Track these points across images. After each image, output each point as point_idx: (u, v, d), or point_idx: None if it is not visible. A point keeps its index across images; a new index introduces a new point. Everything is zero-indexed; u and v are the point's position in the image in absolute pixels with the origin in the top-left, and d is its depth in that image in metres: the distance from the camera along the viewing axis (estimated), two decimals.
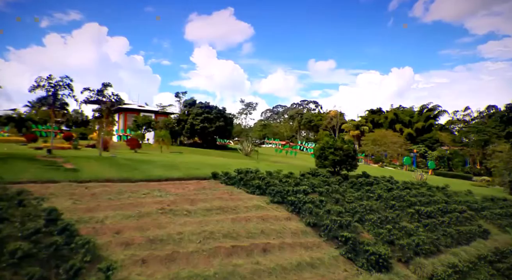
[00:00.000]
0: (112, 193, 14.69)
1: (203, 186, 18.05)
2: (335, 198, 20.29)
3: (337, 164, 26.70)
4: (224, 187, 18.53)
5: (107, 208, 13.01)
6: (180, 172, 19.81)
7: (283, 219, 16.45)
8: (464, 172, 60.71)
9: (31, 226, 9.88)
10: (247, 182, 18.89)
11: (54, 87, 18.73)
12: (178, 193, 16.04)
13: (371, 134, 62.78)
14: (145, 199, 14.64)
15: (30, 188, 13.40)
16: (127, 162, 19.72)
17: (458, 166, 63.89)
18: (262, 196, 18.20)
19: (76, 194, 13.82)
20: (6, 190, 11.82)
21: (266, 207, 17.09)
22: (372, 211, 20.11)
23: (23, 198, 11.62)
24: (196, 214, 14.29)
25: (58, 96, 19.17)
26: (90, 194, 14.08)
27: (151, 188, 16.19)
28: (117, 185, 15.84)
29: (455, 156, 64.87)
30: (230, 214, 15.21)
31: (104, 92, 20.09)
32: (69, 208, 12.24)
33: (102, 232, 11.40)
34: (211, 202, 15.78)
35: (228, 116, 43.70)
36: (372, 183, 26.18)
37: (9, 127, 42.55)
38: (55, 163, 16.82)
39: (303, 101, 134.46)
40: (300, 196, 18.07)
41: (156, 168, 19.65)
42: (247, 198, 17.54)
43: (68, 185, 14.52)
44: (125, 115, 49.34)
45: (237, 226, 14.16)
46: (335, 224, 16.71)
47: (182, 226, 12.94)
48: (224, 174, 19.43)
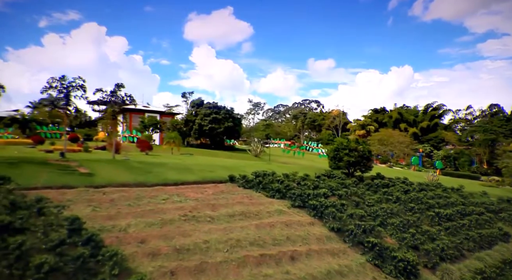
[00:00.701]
0: (131, 198, 14.10)
1: (221, 190, 17.47)
2: (355, 201, 19.73)
3: (351, 165, 26.14)
4: (243, 191, 17.95)
5: (128, 215, 12.42)
6: (195, 175, 19.22)
7: (306, 224, 15.89)
8: (471, 172, 60.26)
9: (55, 237, 9.28)
10: (266, 186, 18.32)
11: (66, 88, 18.12)
12: (198, 198, 15.45)
13: (377, 133, 62.20)
14: (166, 205, 14.06)
15: (47, 194, 12.79)
16: (140, 165, 19.12)
17: (464, 166, 63.41)
18: (282, 200, 17.63)
19: (95, 200, 13.23)
20: (24, 197, 11.21)
21: (288, 212, 16.53)
22: (393, 215, 19.57)
23: (43, 206, 11.01)
24: (220, 221, 13.72)
25: (70, 97, 18.56)
26: (109, 200, 13.49)
27: (169, 193, 15.60)
28: (134, 190, 15.25)
29: (461, 155, 64.39)
30: (253, 219, 14.64)
31: (117, 93, 19.49)
32: (89, 216, 11.65)
33: (126, 242, 10.81)
34: (232, 207, 15.21)
35: (236, 117, 43.04)
36: (388, 185, 25.64)
37: (13, 128, 41.80)
38: (69, 167, 16.22)
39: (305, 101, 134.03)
40: (321, 200, 17.50)
41: (170, 171, 19.05)
42: (267, 202, 16.98)
43: (85, 191, 13.91)
44: (130, 115, 48.63)
45: (262, 233, 13.60)
46: (359, 229, 16.16)
47: (207, 234, 12.36)
48: (242, 177, 18.85)
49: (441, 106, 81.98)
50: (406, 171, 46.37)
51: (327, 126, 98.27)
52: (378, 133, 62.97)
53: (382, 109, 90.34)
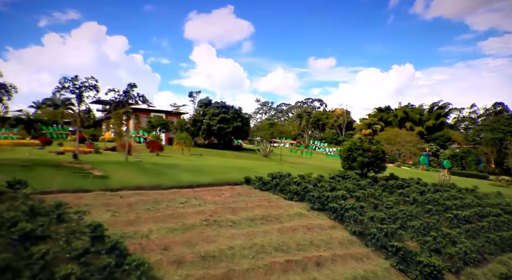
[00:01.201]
0: (149, 202, 13.68)
1: (238, 193, 17.04)
2: (373, 203, 19.29)
3: (365, 166, 25.69)
4: (260, 193, 17.52)
5: (149, 220, 11.99)
6: (209, 177, 18.79)
7: (328, 227, 15.45)
8: (478, 171, 59.71)
9: (79, 245, 8.85)
10: (284, 188, 17.87)
11: (79, 88, 17.67)
12: (216, 202, 15.02)
13: (384, 132, 61.65)
14: (185, 208, 13.62)
15: (64, 199, 12.37)
16: (154, 167, 18.69)
17: (471, 165, 62.86)
18: (301, 203, 17.19)
19: (112, 205, 12.80)
20: (43, 202, 10.79)
21: (308, 215, 16.09)
22: (412, 217, 19.11)
23: (62, 211, 10.58)
24: (241, 225, 13.28)
25: (83, 97, 18.13)
26: (127, 204, 13.06)
27: (187, 196, 15.17)
28: (150, 193, 14.83)
29: (468, 154, 63.84)
30: (274, 223, 14.21)
31: (130, 93, 19.03)
32: (109, 222, 11.22)
33: (149, 249, 10.38)
34: (252, 211, 14.78)
35: (245, 116, 42.44)
36: (403, 185, 25.19)
37: (18, 128, 41.41)
38: (83, 169, 15.80)
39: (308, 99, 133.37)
40: (340, 202, 17.06)
41: (183, 173, 18.63)
42: (286, 205, 16.54)
43: (102, 195, 13.49)
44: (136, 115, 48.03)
45: (285, 237, 13.16)
46: (381, 233, 15.72)
47: (231, 239, 11.93)
48: (258, 179, 18.42)
49: (446, 105, 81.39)
50: (415, 171, 45.90)
51: (331, 125, 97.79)
52: (385, 132, 62.42)
53: (386, 107, 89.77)
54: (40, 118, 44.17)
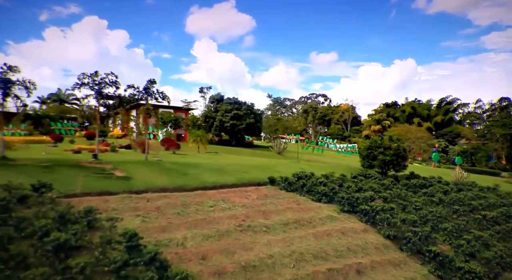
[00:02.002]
0: (177, 206, 13.00)
1: (265, 194, 16.35)
2: (402, 204, 18.60)
3: (386, 164, 24.94)
4: (286, 195, 16.83)
5: (181, 226, 11.31)
6: (232, 177, 18.10)
7: (360, 231, 14.78)
8: (489, 168, 58.91)
9: (116, 257, 8.18)
10: (311, 189, 17.17)
11: (98, 84, 16.88)
12: (245, 204, 14.33)
13: (394, 128, 60.76)
14: (215, 212, 12.94)
15: (89, 203, 11.71)
16: (174, 166, 17.99)
17: (481, 161, 62.06)
18: (330, 205, 16.51)
19: (140, 209, 12.12)
20: (71, 207, 10.11)
21: (339, 218, 15.41)
22: (442, 219, 18.42)
23: (93, 218, 9.91)
24: (276, 230, 12.61)
25: (102, 93, 17.35)
26: (155, 208, 12.38)
27: (214, 198, 14.49)
28: (175, 195, 14.14)
29: (478, 151, 62.99)
30: (308, 228, 13.54)
31: (150, 89, 18.23)
32: (140, 228, 10.54)
33: (187, 258, 9.71)
34: (284, 214, 14.10)
35: (257, 113, 41.53)
36: (425, 184, 24.46)
37: (26, 124, 40.67)
38: (104, 170, 15.11)
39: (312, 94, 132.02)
40: (371, 204, 16.37)
41: (205, 173, 17.93)
42: (316, 207, 15.85)
43: (128, 198, 12.81)
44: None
45: (322, 243, 12.50)
46: (416, 236, 15.05)
47: (268, 247, 11.27)
48: (283, 180, 17.71)
49: (455, 100, 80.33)
50: (427, 168, 45.16)
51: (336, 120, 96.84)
52: (395, 128, 61.52)
53: (393, 103, 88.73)
54: (47, 114, 43.39)
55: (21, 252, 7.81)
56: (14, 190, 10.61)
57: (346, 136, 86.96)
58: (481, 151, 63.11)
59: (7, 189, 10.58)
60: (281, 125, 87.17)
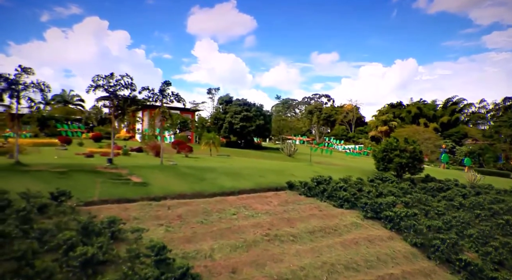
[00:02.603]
0: (199, 213, 12.49)
1: (285, 200, 15.83)
2: (424, 209, 18.06)
3: (402, 167, 24.39)
4: (307, 200, 16.30)
5: (206, 236, 10.80)
6: (249, 182, 17.59)
7: (386, 239, 14.26)
8: (497, 169, 58.21)
9: (147, 273, 7.67)
10: (332, 194, 16.64)
11: (113, 86, 16.38)
12: (268, 211, 13.82)
13: (402, 130, 60.14)
14: (239, 221, 12.43)
15: (109, 211, 11.23)
16: (190, 170, 17.48)
17: (489, 162, 61.32)
18: (352, 210, 15.99)
19: (162, 217, 11.62)
20: (93, 217, 9.60)
21: (363, 225, 14.88)
22: (466, 224, 17.87)
23: (117, 229, 9.40)
24: (303, 239, 12.10)
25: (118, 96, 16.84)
26: (177, 217, 11.88)
27: (235, 205, 13.97)
28: (195, 202, 13.62)
29: (486, 151, 62.26)
30: (334, 236, 13.01)
31: (166, 91, 17.71)
32: (166, 239, 10.04)
33: (217, 272, 9.20)
34: (308, 222, 13.58)
35: (267, 114, 40.92)
36: (442, 188, 23.90)
37: (30, 126, 40.16)
38: (121, 176, 14.61)
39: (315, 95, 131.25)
40: (395, 210, 15.84)
41: (222, 177, 17.41)
42: (339, 213, 15.33)
43: (148, 205, 12.30)
44: (150, 112, 46.66)
45: (351, 253, 11.97)
46: (443, 244, 14.51)
47: (298, 258, 10.75)
48: (303, 185, 17.20)
49: (461, 100, 79.61)
50: (437, 170, 44.53)
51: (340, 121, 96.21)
52: (402, 129, 60.82)
53: (398, 103, 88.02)
54: (52, 115, 42.92)
55: (47, 268, 7.31)
56: (33, 199, 10.12)
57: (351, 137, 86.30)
58: (489, 151, 62.38)
59: (25, 198, 10.09)
60: (287, 126, 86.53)
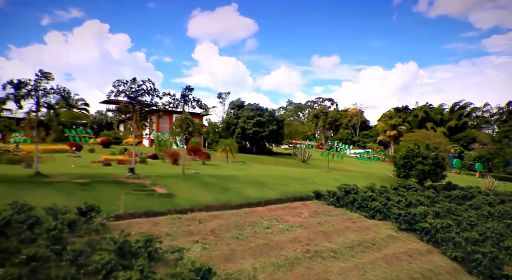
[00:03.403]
0: (231, 227, 11.76)
1: (315, 211, 15.11)
2: (456, 219, 17.31)
3: (425, 174, 23.65)
4: (337, 211, 15.57)
5: (245, 253, 10.06)
6: (273, 191, 16.88)
7: (425, 252, 13.54)
8: (506, 173, 57.49)
9: None
10: (362, 204, 15.91)
11: (135, 92, 15.70)
12: (302, 224, 13.09)
13: (412, 134, 59.39)
14: (275, 235, 11.69)
15: (139, 226, 10.51)
16: (213, 180, 16.75)
17: (499, 167, 60.66)
18: (385, 222, 15.27)
19: (195, 233, 10.89)
20: (127, 235, 8.86)
21: (399, 237, 14.15)
22: (500, 235, 17.15)
23: (153, 248, 8.66)
24: (343, 255, 11.36)
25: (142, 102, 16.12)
26: (210, 232, 11.14)
27: (265, 217, 13.24)
28: (225, 214, 12.89)
29: (495, 156, 61.61)
30: (374, 251, 12.28)
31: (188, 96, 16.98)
32: (203, 258, 9.31)
33: None
34: (344, 235, 12.85)
35: (280, 119, 40.13)
36: (466, 196, 23.19)
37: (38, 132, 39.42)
38: (144, 186, 13.89)
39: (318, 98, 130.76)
40: (430, 221, 15.14)
41: (246, 187, 16.68)
42: (372, 225, 14.60)
43: (177, 219, 11.56)
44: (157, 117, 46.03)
45: (395, 270, 11.25)
46: (485, 258, 13.78)
47: (344, 277, 10.02)
48: (331, 195, 16.49)
49: (468, 104, 79.03)
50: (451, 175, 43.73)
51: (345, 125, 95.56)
52: (412, 134, 60.02)
53: (404, 107, 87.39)
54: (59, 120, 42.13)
55: None
56: (61, 215, 9.38)
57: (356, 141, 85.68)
58: (498, 156, 61.72)
59: (53, 214, 9.36)
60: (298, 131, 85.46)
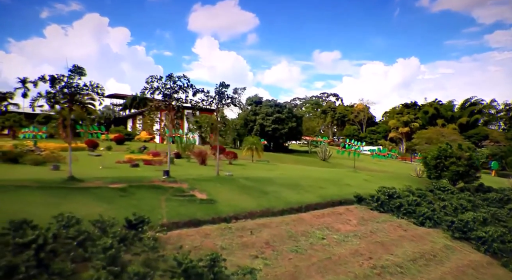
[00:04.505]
0: (284, 238, 10.83)
1: (361, 217, 14.16)
2: (507, 227, 16.36)
3: (459, 176, 22.67)
4: (382, 217, 14.63)
5: (310, 270, 9.13)
6: (310, 194, 15.95)
7: (487, 265, 12.63)
8: None
9: None
10: (410, 210, 14.96)
11: (170, 88, 14.59)
12: (355, 233, 12.15)
13: (426, 131, 58.26)
14: (333, 247, 10.76)
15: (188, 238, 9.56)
16: (249, 182, 15.78)
17: None
18: (435, 229, 14.36)
19: (249, 245, 9.94)
20: (187, 253, 7.88)
21: (456, 247, 13.23)
22: None
23: (219, 268, 7.69)
24: (409, 270, 10.44)
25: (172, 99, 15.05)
26: (265, 244, 10.20)
27: (316, 226, 12.30)
28: (273, 222, 11.96)
29: (509, 153, 60.56)
30: (437, 264, 11.36)
31: (224, 93, 15.91)
32: (269, 277, 8.38)
33: None
34: (402, 246, 11.93)
35: (298, 116, 38.92)
36: (502, 198, 22.19)
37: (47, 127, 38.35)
38: (183, 191, 12.91)
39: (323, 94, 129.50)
40: (485, 230, 14.18)
41: (283, 190, 15.71)
42: (424, 233, 13.67)
43: (227, 229, 10.62)
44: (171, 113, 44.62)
45: None
46: None
47: None
48: (375, 199, 15.53)
49: (479, 101, 77.79)
50: None
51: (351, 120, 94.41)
52: (426, 131, 58.82)
53: (412, 103, 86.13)
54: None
55: None
56: (109, 228, 8.40)
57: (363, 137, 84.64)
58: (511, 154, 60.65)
59: (101, 227, 8.37)
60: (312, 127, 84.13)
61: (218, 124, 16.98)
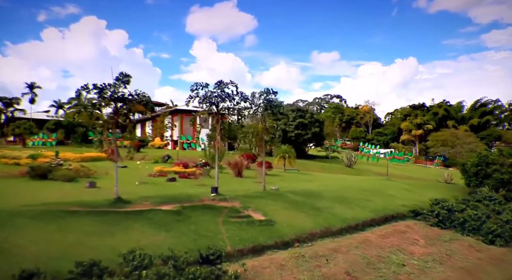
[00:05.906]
0: (363, 266, 9.69)
1: (426, 235, 13.02)
2: None
3: (502, 184, 21.56)
4: (446, 234, 13.51)
5: None
6: (362, 209, 14.83)
7: None
8: None
9: None
10: (474, 226, 13.81)
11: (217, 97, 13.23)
12: (433, 257, 11.01)
13: (440, 133, 57.23)
14: (419, 276, 9.62)
15: (267, 273, 8.38)
16: (297, 197, 14.56)
17: None
18: (509, 249, 13.17)
19: (331, 278, 8.76)
20: None
21: None
22: None
23: None
24: None
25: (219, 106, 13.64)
26: (346, 275, 9.07)
27: (387, 249, 11.15)
28: (342, 245, 10.80)
29: None
30: None
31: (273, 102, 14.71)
32: None
33: None
34: (487, 272, 10.78)
35: (321, 120, 37.68)
36: None
37: (57, 134, 37.13)
38: (238, 211, 11.69)
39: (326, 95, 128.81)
40: None
41: (334, 205, 14.55)
42: (501, 254, 12.54)
43: (301, 258, 9.46)
44: (181, 117, 43.52)
45: None
46: None
47: None
48: (434, 215, 14.36)
49: (489, 102, 76.93)
50: None
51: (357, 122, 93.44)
52: (441, 133, 57.84)
53: (420, 105, 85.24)
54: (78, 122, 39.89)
55: None
56: (184, 265, 7.20)
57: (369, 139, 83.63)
58: None
59: (174, 265, 7.13)
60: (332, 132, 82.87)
61: (265, 133, 15.78)
